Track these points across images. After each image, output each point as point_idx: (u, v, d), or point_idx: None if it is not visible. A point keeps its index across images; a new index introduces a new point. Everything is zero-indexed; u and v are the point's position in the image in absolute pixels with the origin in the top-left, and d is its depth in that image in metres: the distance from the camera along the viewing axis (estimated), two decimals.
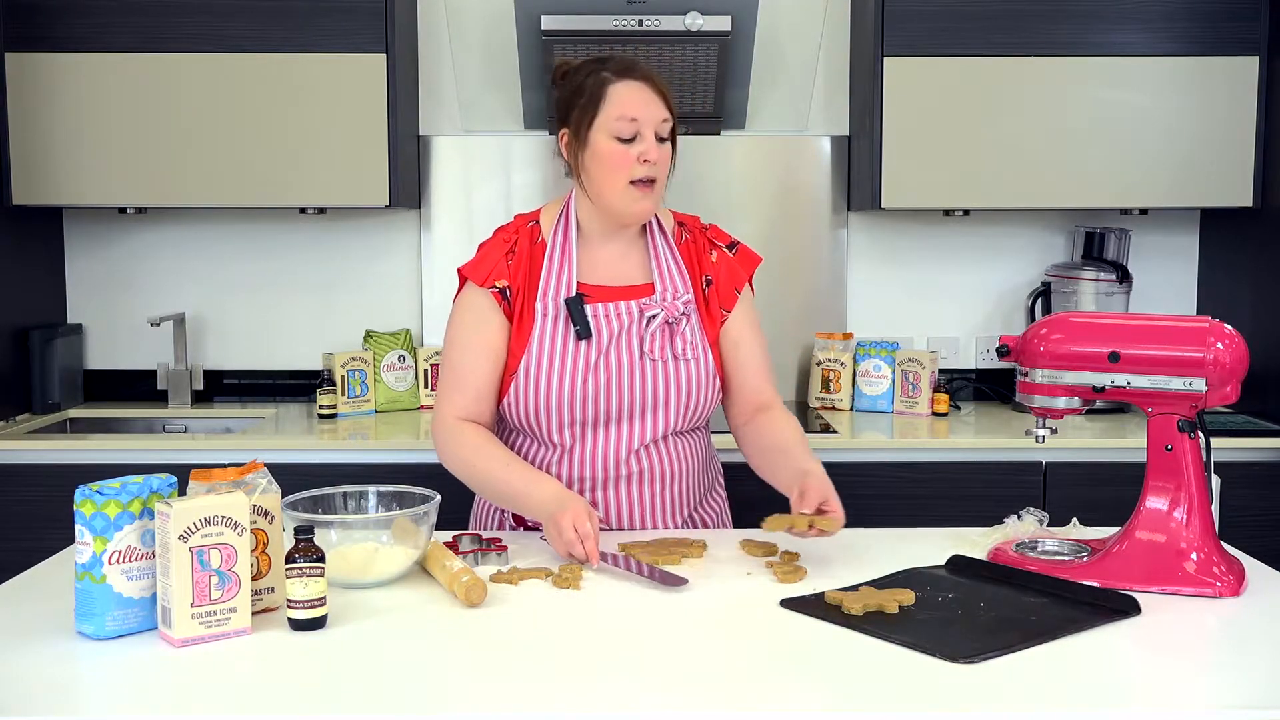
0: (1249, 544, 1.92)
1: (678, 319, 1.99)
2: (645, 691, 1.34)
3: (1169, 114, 3.12)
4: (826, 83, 3.46)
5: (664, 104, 1.94)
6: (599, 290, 1.99)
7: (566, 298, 1.97)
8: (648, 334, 1.97)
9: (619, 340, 1.96)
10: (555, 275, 1.99)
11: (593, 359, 1.95)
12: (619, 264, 2.02)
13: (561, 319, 1.96)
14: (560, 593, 1.68)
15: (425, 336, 3.48)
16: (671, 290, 2.01)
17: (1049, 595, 1.66)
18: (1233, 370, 1.68)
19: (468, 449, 1.95)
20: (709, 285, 2.05)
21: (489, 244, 2.04)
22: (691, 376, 1.99)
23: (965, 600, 1.65)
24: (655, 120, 1.93)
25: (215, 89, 3.08)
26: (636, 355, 1.97)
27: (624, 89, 1.92)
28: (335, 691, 1.35)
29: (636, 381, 1.96)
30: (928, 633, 1.51)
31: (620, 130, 1.91)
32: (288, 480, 1.73)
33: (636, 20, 3.01)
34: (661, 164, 1.94)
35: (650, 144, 1.92)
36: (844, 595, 1.61)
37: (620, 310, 1.98)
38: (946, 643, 1.47)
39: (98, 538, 1.47)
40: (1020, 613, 1.60)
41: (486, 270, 2.00)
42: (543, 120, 3.41)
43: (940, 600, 1.65)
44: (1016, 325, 3.49)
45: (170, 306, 3.48)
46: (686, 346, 1.99)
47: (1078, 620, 1.56)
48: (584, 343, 1.95)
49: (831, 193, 3.46)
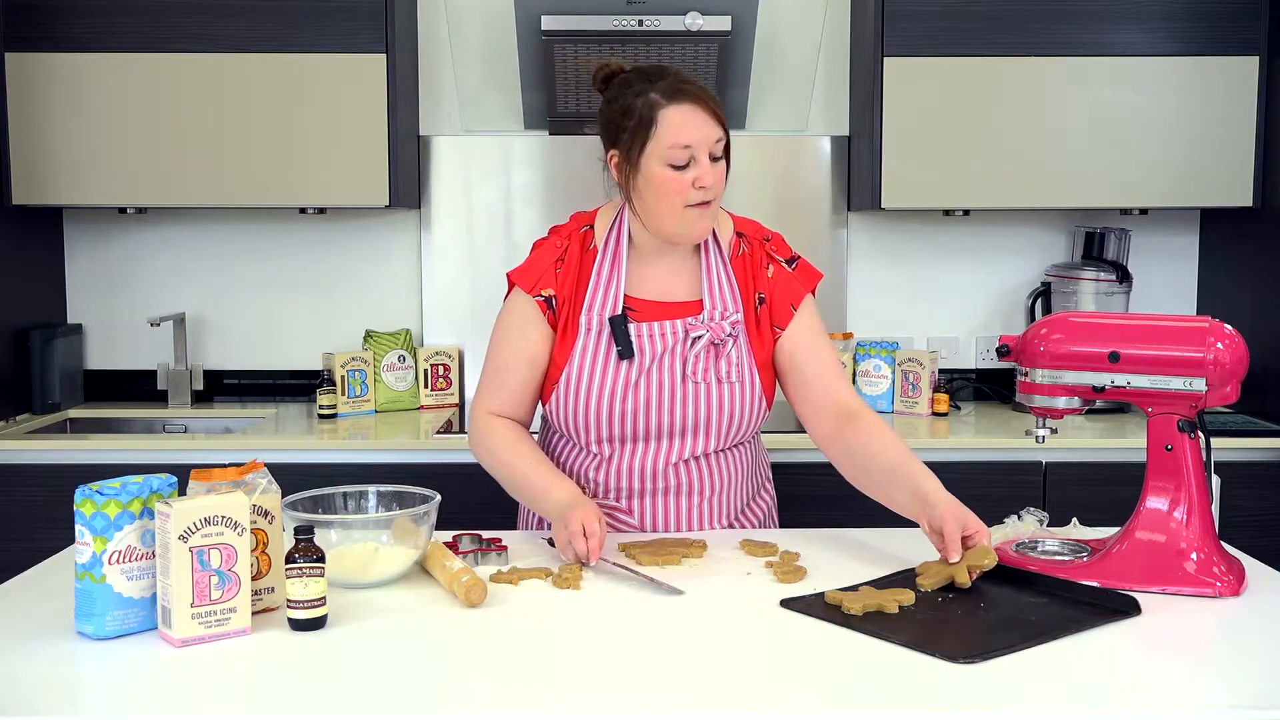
0: (1249, 544, 1.93)
1: (724, 340, 1.94)
2: (645, 691, 1.34)
3: (1169, 114, 3.12)
4: (826, 83, 3.46)
5: (716, 122, 1.87)
6: (646, 306, 1.96)
7: (611, 316, 1.94)
8: (691, 355, 1.94)
9: (661, 360, 1.93)
10: (603, 289, 1.96)
11: (633, 378, 1.93)
12: (669, 279, 1.98)
13: (605, 335, 1.94)
14: (560, 593, 1.68)
15: (425, 336, 3.48)
16: (720, 309, 1.96)
17: (1049, 595, 1.66)
18: (1233, 370, 1.68)
19: (498, 440, 1.97)
20: (762, 304, 2.00)
21: (542, 248, 2.01)
22: (735, 400, 1.95)
23: (965, 600, 1.65)
24: (709, 142, 1.86)
25: (215, 89, 3.09)
26: (679, 377, 1.93)
27: (675, 114, 1.85)
28: (335, 691, 1.35)
29: (677, 403, 1.94)
30: (928, 633, 1.51)
31: (674, 158, 1.86)
32: (288, 480, 1.73)
33: (636, 20, 3.01)
34: (716, 185, 1.88)
35: (705, 168, 1.86)
36: (844, 595, 1.61)
37: (665, 330, 1.94)
38: (946, 643, 1.47)
39: (98, 538, 1.47)
40: (1020, 613, 1.60)
41: (534, 278, 1.97)
42: (543, 120, 3.41)
43: (940, 600, 1.65)
44: (1016, 325, 3.49)
45: (170, 306, 3.48)
46: (732, 369, 1.94)
47: (1078, 620, 1.56)
48: (626, 361, 1.93)
49: (831, 193, 3.46)
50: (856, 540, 1.94)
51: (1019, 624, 1.55)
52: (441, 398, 3.39)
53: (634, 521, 2.01)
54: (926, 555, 1.85)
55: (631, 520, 2.01)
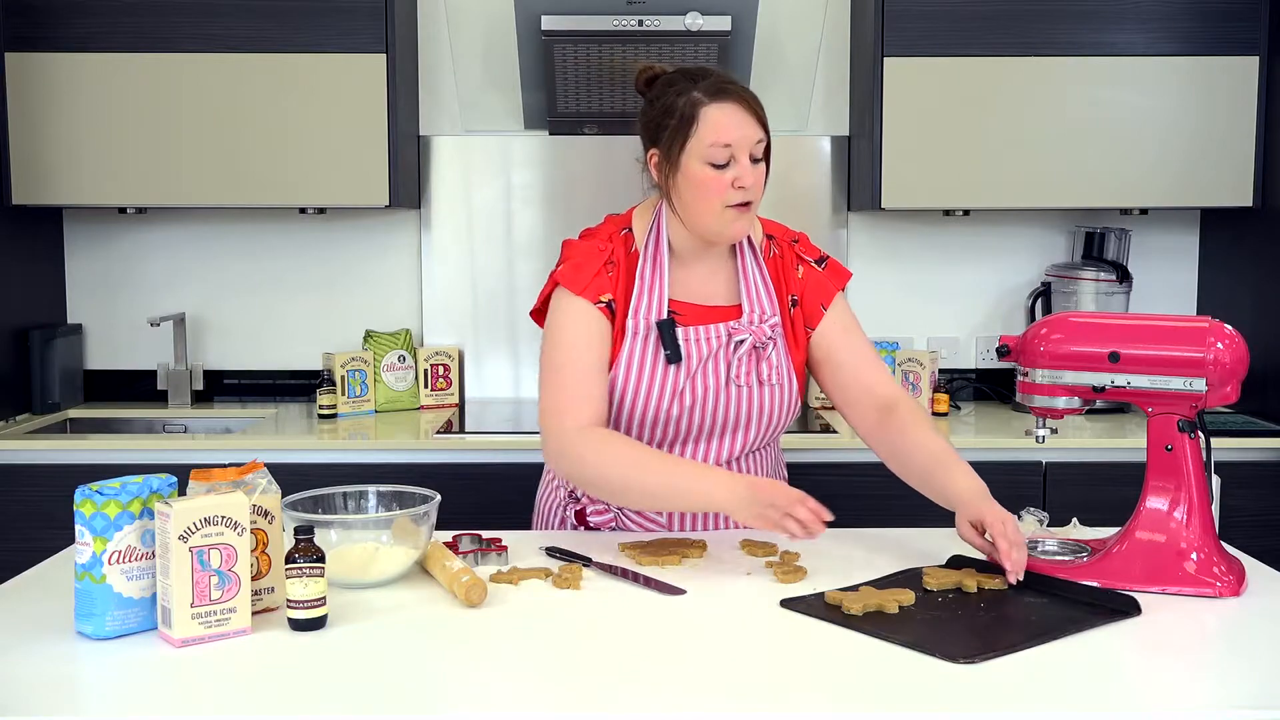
0: (1249, 544, 1.93)
1: (764, 343, 1.95)
2: (645, 692, 1.34)
3: (1169, 114, 3.12)
4: (826, 83, 3.46)
5: (758, 123, 1.87)
6: (688, 309, 1.96)
7: (658, 320, 1.93)
8: (735, 358, 1.94)
9: (706, 364, 1.93)
10: (647, 293, 1.94)
11: (680, 383, 1.92)
12: (707, 282, 1.98)
13: (651, 338, 1.93)
14: (560, 593, 1.68)
15: (425, 336, 3.48)
16: (759, 313, 1.96)
17: (1049, 595, 1.66)
18: (1233, 370, 1.68)
19: (612, 450, 1.83)
20: (795, 306, 2.00)
21: (584, 253, 1.96)
22: (774, 401, 1.96)
23: (964, 601, 1.65)
24: (749, 142, 1.86)
25: (215, 89, 3.09)
26: (723, 380, 1.94)
27: (717, 112, 1.85)
28: (335, 691, 1.35)
29: (720, 405, 1.94)
30: (928, 633, 1.51)
31: (714, 156, 1.85)
32: (288, 480, 1.73)
33: (636, 20, 3.01)
34: (756, 186, 1.88)
35: (745, 168, 1.86)
36: (844, 595, 1.61)
37: (710, 334, 1.94)
38: (946, 643, 1.47)
39: (98, 538, 1.47)
40: (1021, 613, 1.60)
41: (586, 281, 1.92)
42: (543, 120, 3.41)
43: (940, 600, 1.65)
44: (1016, 325, 3.49)
45: (170, 306, 3.48)
46: (772, 372, 1.95)
47: (1078, 620, 1.56)
48: (672, 366, 1.92)
49: (831, 193, 3.46)
50: (857, 540, 1.94)
51: (1019, 624, 1.55)
52: (441, 398, 3.39)
53: (663, 523, 2.01)
54: (927, 555, 1.85)
55: (661, 520, 2.01)
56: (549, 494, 2.12)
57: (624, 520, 2.02)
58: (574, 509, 2.05)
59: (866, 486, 2.81)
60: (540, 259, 3.45)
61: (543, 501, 2.13)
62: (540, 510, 2.14)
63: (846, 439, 2.96)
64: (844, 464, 2.85)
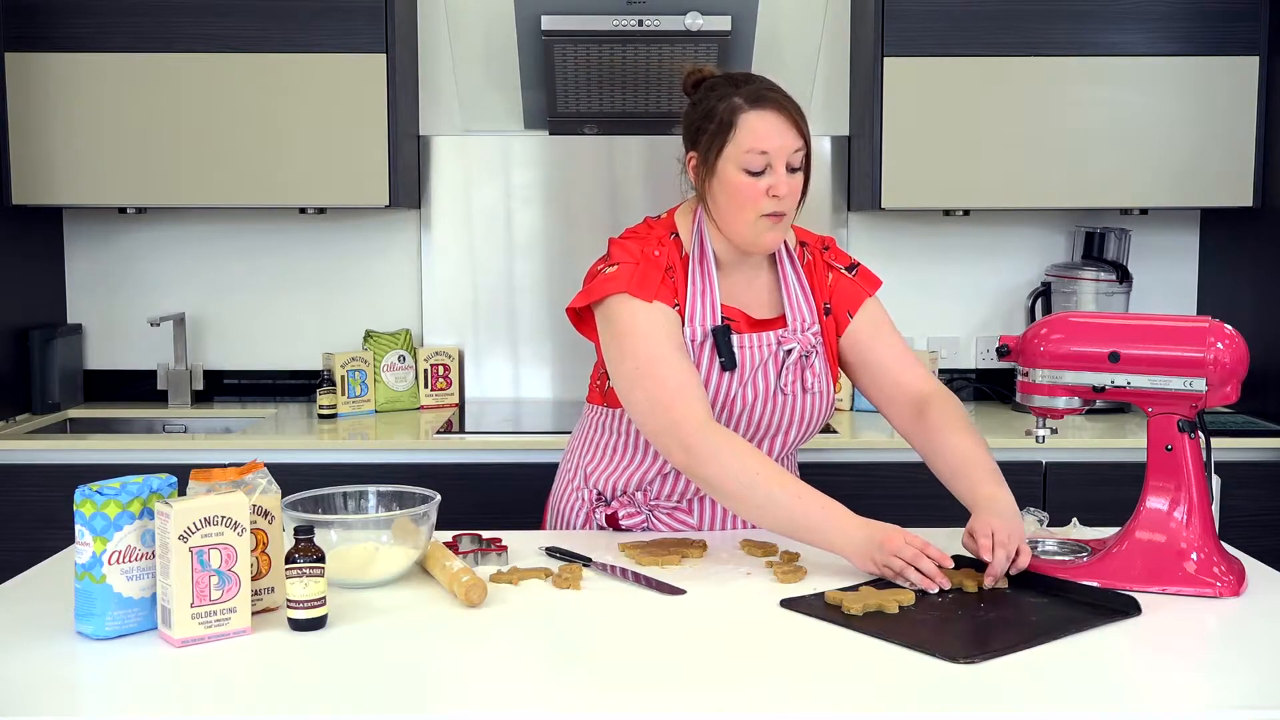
0: (1249, 544, 1.92)
1: (809, 351, 1.95)
2: (645, 692, 1.34)
3: (1169, 114, 3.12)
4: (826, 83, 3.46)
5: (797, 132, 1.85)
6: (737, 316, 1.95)
7: (713, 326, 1.92)
8: (784, 367, 1.94)
9: (756, 373, 1.93)
10: (700, 299, 1.92)
11: (733, 391, 1.92)
12: (748, 290, 1.98)
13: (705, 345, 1.91)
14: (560, 593, 1.68)
15: (425, 336, 3.48)
16: (801, 320, 1.97)
17: (1050, 596, 1.66)
18: (1233, 370, 1.68)
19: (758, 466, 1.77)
20: (828, 313, 2.01)
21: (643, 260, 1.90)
22: (813, 408, 1.97)
23: (965, 600, 1.65)
24: (787, 151, 1.84)
25: (215, 89, 3.08)
26: (772, 388, 1.94)
27: (755, 119, 1.84)
28: (335, 691, 1.35)
29: (767, 412, 1.94)
30: (928, 633, 1.51)
31: (750, 163, 1.84)
32: (288, 480, 1.73)
33: (636, 20, 3.01)
34: (791, 196, 1.86)
35: (780, 177, 1.84)
36: (844, 595, 1.61)
37: (761, 342, 1.93)
38: (946, 643, 1.47)
39: (98, 538, 1.47)
40: (1021, 613, 1.60)
41: (652, 289, 1.88)
42: (543, 120, 3.41)
43: (940, 600, 1.65)
44: (1016, 325, 3.49)
45: (170, 306, 3.48)
46: (815, 380, 1.96)
47: (1078, 620, 1.56)
48: (726, 373, 1.91)
49: (831, 193, 3.46)
50: None
51: (1019, 624, 1.55)
52: (441, 398, 3.39)
53: (694, 522, 2.02)
54: None
55: (691, 521, 2.02)
56: (570, 495, 2.10)
57: (654, 521, 2.02)
58: (605, 513, 2.04)
59: (868, 486, 2.82)
60: (540, 259, 3.45)
61: (563, 501, 2.11)
62: (559, 510, 2.12)
63: (848, 439, 2.96)
64: (844, 464, 2.85)
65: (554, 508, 2.14)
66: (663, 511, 2.02)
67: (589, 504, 2.06)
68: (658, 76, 3.18)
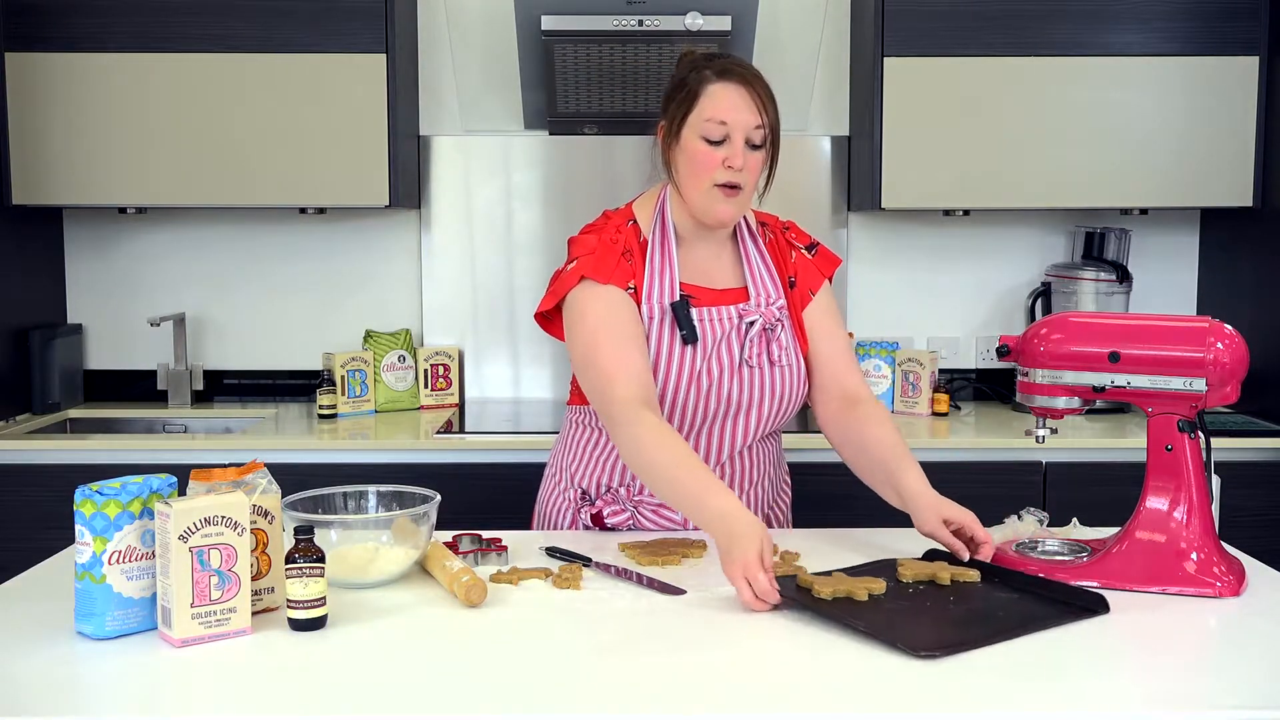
0: (1249, 544, 1.93)
1: (773, 324, 1.97)
2: (645, 691, 1.34)
3: (1169, 114, 3.12)
4: (826, 83, 3.46)
5: (759, 110, 1.89)
6: (697, 291, 1.97)
7: (672, 301, 1.94)
8: (747, 340, 1.96)
9: (720, 346, 1.95)
10: (658, 277, 1.95)
11: (697, 365, 1.93)
12: (711, 265, 2.01)
13: (666, 321, 1.94)
14: (560, 593, 1.68)
15: (425, 336, 3.48)
16: (765, 295, 1.99)
17: (1021, 591, 1.66)
18: (1233, 370, 1.68)
19: (651, 434, 1.79)
20: (793, 287, 2.04)
21: (600, 246, 1.95)
22: (784, 381, 1.98)
23: (935, 593, 1.66)
24: (746, 126, 1.88)
25: (215, 89, 3.09)
26: (737, 361, 1.95)
27: (719, 90, 1.89)
28: (335, 691, 1.35)
29: (734, 386, 1.95)
30: (892, 622, 1.52)
31: (709, 132, 1.88)
32: (288, 480, 1.73)
33: (636, 20, 3.01)
34: (748, 172, 1.90)
35: (737, 150, 1.88)
36: (816, 579, 1.63)
37: (722, 315, 1.96)
38: (909, 635, 1.47)
39: (98, 538, 1.47)
40: (989, 607, 1.60)
41: (609, 271, 1.92)
42: (543, 120, 3.41)
43: (911, 591, 1.66)
44: (1016, 325, 3.49)
45: (170, 306, 3.48)
46: (782, 352, 1.98)
47: (1045, 617, 1.56)
48: (688, 347, 1.93)
49: (831, 193, 3.46)
50: (858, 540, 1.94)
51: (986, 619, 1.56)
52: (441, 398, 3.39)
53: (679, 518, 2.02)
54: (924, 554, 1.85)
55: (677, 517, 2.02)
56: (555, 496, 2.11)
57: (639, 520, 2.02)
58: (590, 511, 2.04)
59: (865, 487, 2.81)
60: (540, 259, 3.45)
61: (548, 504, 2.13)
62: (544, 512, 2.13)
63: None
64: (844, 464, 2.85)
65: (540, 511, 2.15)
66: (647, 508, 2.02)
67: (574, 504, 2.06)
68: (658, 76, 3.18)
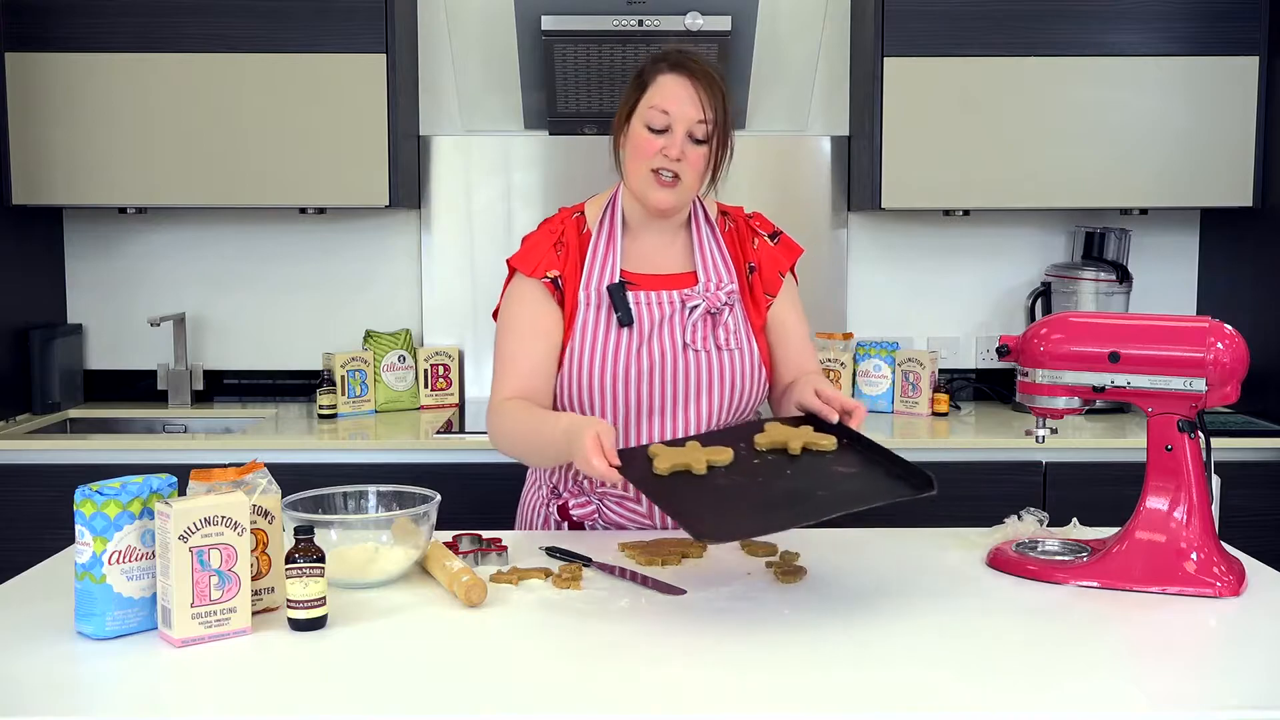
0: (1249, 544, 1.92)
1: (720, 309, 1.99)
2: (645, 691, 1.34)
3: (1169, 114, 3.13)
4: (826, 83, 3.46)
5: (703, 105, 1.91)
6: (642, 279, 2.00)
7: (609, 284, 1.97)
8: (689, 324, 1.97)
9: (660, 329, 1.97)
10: (599, 264, 1.99)
11: (635, 347, 1.96)
12: (662, 254, 2.03)
13: (604, 307, 1.97)
14: (560, 593, 1.68)
15: (425, 336, 3.48)
16: (715, 280, 2.01)
17: (861, 465, 1.71)
18: (1233, 370, 1.68)
19: (508, 416, 1.92)
20: (753, 272, 2.05)
21: (535, 236, 2.04)
22: (734, 366, 1.99)
23: (777, 464, 1.71)
24: (688, 119, 1.91)
25: (215, 89, 3.09)
26: (680, 345, 1.97)
27: (667, 81, 1.93)
28: (335, 691, 1.35)
29: (680, 371, 1.97)
30: (700, 502, 1.59)
31: (652, 119, 1.92)
32: (288, 480, 1.73)
33: (636, 20, 3.01)
34: (689, 164, 1.92)
35: (676, 140, 1.91)
36: (663, 449, 1.69)
37: (662, 299, 1.98)
38: (711, 517, 1.54)
39: (98, 538, 1.47)
40: (813, 485, 1.65)
41: (536, 260, 1.99)
42: (543, 120, 3.41)
43: (756, 462, 1.71)
44: (1016, 325, 3.49)
45: (170, 306, 3.48)
46: (730, 337, 1.99)
47: (869, 495, 1.62)
48: (626, 331, 1.96)
49: (831, 193, 3.46)
50: (857, 540, 1.94)
51: (805, 498, 1.61)
52: (441, 398, 3.39)
53: (643, 510, 2.02)
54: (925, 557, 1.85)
55: (640, 509, 2.02)
56: (531, 493, 2.13)
57: (604, 511, 2.03)
58: (556, 504, 2.06)
59: None
60: None
61: (525, 504, 2.14)
62: (523, 513, 2.14)
63: None
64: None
65: (520, 508, 2.17)
66: (612, 500, 2.03)
67: (545, 500, 2.08)
68: None
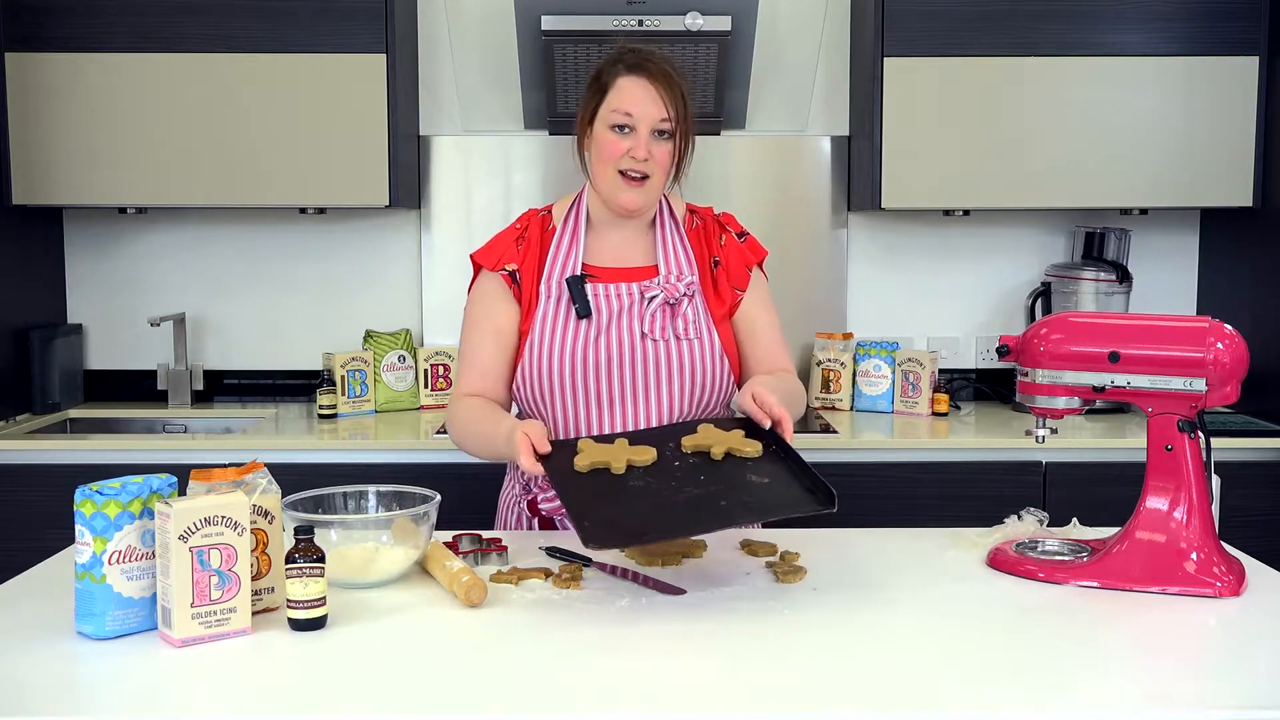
0: (1249, 544, 1.93)
1: (679, 300, 2.00)
2: (645, 691, 1.34)
3: (1169, 114, 3.12)
4: (826, 83, 3.46)
5: (664, 104, 1.94)
6: (603, 272, 2.03)
7: (567, 277, 2.00)
8: (648, 314, 1.99)
9: (619, 319, 1.99)
10: (561, 258, 2.02)
11: (593, 337, 1.98)
12: (625, 249, 2.05)
13: (564, 300, 1.99)
14: (560, 593, 1.68)
15: (425, 336, 3.48)
16: (675, 272, 2.03)
17: (772, 476, 1.72)
18: (1233, 370, 1.68)
19: (461, 412, 2.01)
20: (717, 266, 2.07)
21: (501, 232, 2.09)
22: (694, 356, 2.00)
23: (693, 470, 1.73)
24: (651, 119, 1.94)
25: (215, 89, 3.09)
26: (637, 335, 1.99)
27: (627, 83, 1.95)
28: (335, 691, 1.35)
29: (638, 361, 1.98)
30: (602, 503, 1.61)
31: (615, 121, 1.95)
32: (288, 480, 1.73)
33: (636, 20, 3.01)
34: (655, 162, 1.96)
35: (641, 140, 1.94)
36: (590, 445, 1.72)
37: (620, 290, 2.00)
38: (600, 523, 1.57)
39: (98, 538, 1.47)
40: (719, 494, 1.66)
41: (497, 255, 2.05)
42: (543, 120, 3.41)
43: (675, 465, 1.73)
44: (1016, 325, 3.49)
45: (170, 306, 3.48)
46: (689, 326, 2.00)
47: (767, 508, 1.65)
48: (585, 322, 1.98)
49: (831, 193, 3.46)
50: (857, 540, 1.94)
51: (709, 508, 1.63)
52: (441, 398, 3.39)
53: None
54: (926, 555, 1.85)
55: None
56: (505, 490, 2.15)
57: None
58: (526, 499, 2.07)
59: (866, 486, 2.82)
60: None
61: (501, 501, 2.16)
62: (499, 510, 2.16)
63: (848, 439, 2.96)
64: (844, 464, 2.85)
65: (498, 511, 2.17)
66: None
67: (518, 496, 2.09)
68: None
